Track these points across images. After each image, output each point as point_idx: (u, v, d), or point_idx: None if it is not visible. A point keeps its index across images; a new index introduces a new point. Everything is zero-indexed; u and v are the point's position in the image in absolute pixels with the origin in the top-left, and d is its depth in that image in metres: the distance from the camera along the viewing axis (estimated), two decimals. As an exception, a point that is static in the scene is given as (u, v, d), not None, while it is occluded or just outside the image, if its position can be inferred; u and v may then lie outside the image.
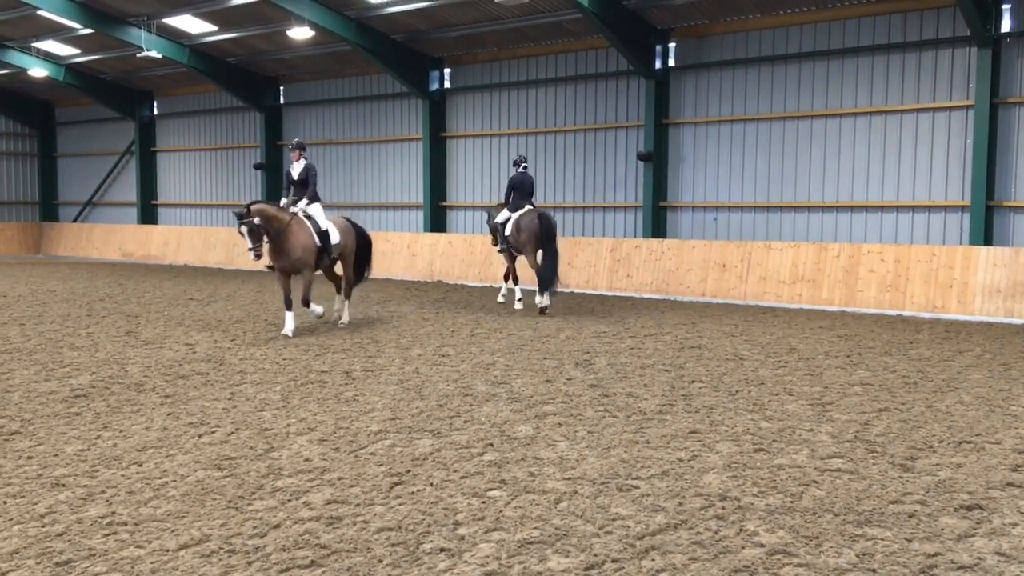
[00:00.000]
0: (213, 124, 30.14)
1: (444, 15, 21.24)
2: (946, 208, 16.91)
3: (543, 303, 15.23)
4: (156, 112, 31.90)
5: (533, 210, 15.46)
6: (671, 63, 20.04)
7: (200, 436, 7.19)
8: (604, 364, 10.54)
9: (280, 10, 21.18)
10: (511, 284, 16.40)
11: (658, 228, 20.19)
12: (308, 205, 13.25)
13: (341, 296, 14.23)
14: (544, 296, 15.19)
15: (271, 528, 5.14)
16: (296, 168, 13.48)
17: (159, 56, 25.08)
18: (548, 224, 15.15)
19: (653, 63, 19.85)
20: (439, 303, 17.25)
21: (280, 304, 15.31)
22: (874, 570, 4.60)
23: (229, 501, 5.60)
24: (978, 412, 8.17)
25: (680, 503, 5.57)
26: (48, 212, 35.78)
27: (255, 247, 12.22)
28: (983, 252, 15.65)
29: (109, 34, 24.62)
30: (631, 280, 19.49)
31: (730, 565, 4.63)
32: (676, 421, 7.74)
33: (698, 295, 18.44)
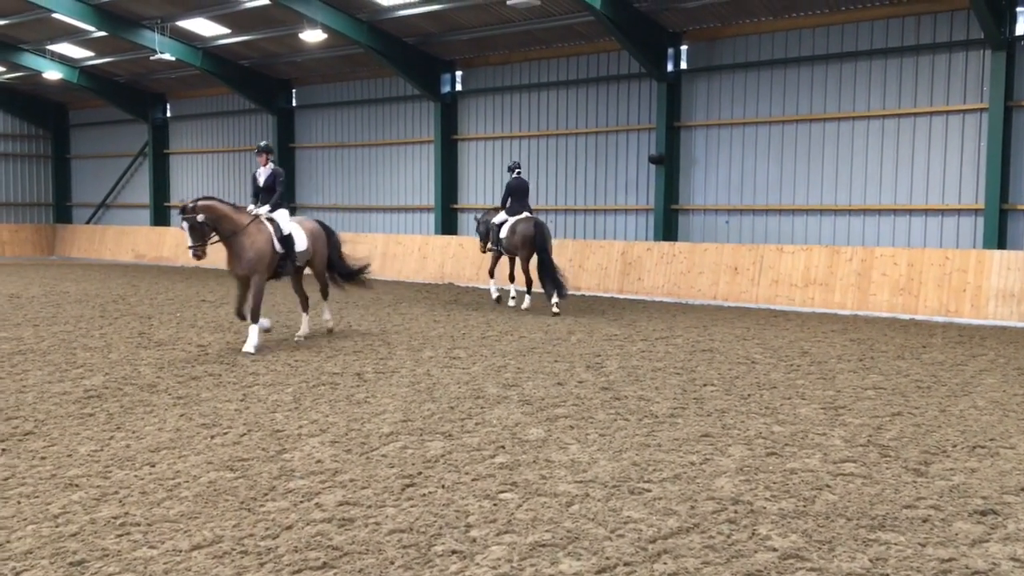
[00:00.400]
0: (226, 126, 30.26)
1: (456, 18, 21.26)
2: (960, 211, 16.83)
3: (553, 302, 15.83)
4: (169, 114, 32.05)
5: (530, 218, 16.30)
6: (683, 66, 20.01)
7: (212, 437, 7.21)
8: (616, 367, 10.52)
9: (293, 13, 21.25)
10: (494, 282, 17.54)
11: (669, 231, 20.16)
12: (272, 212, 12.18)
13: (305, 313, 12.78)
14: (555, 298, 15.79)
15: (283, 529, 5.15)
16: (263, 173, 12.47)
17: (172, 59, 25.21)
18: (544, 233, 15.95)
19: (665, 66, 19.83)
20: (450, 305, 17.26)
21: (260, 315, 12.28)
22: (887, 575, 4.58)
23: (241, 502, 5.61)
24: (992, 417, 8.12)
25: (692, 507, 5.56)
26: (61, 214, 35.97)
27: (196, 246, 11.16)
28: (997, 256, 15.57)
29: (123, 37, 24.74)
30: (642, 283, 19.46)
31: (742, 569, 4.62)
32: (688, 424, 7.72)
33: (710, 298, 18.40)
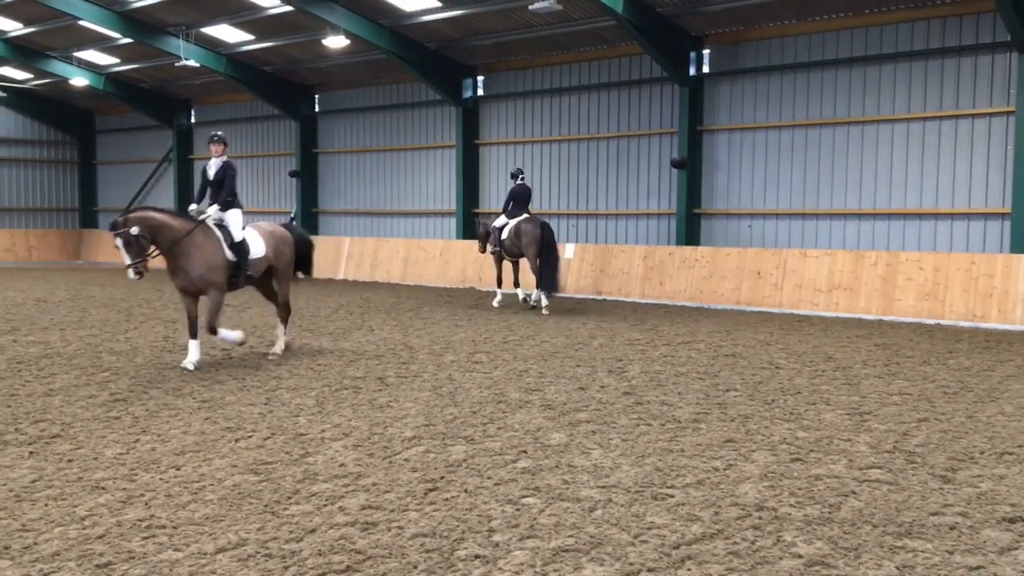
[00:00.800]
0: (249, 132, 30.47)
1: (477, 23, 21.31)
2: (986, 216, 16.65)
3: (542, 302, 16.57)
4: (193, 120, 32.32)
5: (533, 218, 17.01)
6: (705, 69, 19.95)
7: (237, 441, 7.25)
8: (638, 372, 10.49)
9: (316, 19, 21.37)
10: (498, 288, 17.91)
11: (692, 235, 20.08)
12: (222, 211, 10.90)
13: (281, 324, 11.76)
14: (541, 295, 16.60)
15: (307, 533, 5.17)
16: (213, 165, 11.12)
17: (197, 65, 25.43)
18: (548, 231, 16.73)
19: (687, 70, 19.77)
20: (471, 310, 17.28)
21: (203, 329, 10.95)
22: (915, 583, 4.54)
23: (265, 505, 5.64)
24: (1020, 423, 8.02)
25: (716, 512, 5.53)
26: (88, 219, 36.34)
27: (135, 263, 10.03)
28: (1024, 260, 15.39)
29: (148, 43, 24.98)
30: (664, 288, 19.39)
31: (767, 576, 4.59)
32: (711, 430, 7.68)
33: (732, 303, 18.30)
